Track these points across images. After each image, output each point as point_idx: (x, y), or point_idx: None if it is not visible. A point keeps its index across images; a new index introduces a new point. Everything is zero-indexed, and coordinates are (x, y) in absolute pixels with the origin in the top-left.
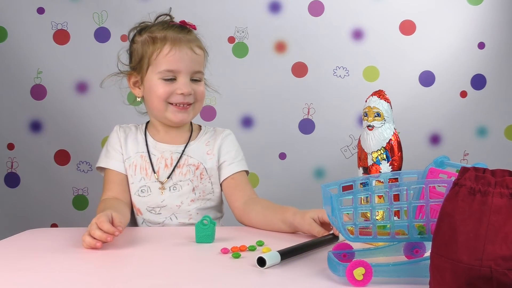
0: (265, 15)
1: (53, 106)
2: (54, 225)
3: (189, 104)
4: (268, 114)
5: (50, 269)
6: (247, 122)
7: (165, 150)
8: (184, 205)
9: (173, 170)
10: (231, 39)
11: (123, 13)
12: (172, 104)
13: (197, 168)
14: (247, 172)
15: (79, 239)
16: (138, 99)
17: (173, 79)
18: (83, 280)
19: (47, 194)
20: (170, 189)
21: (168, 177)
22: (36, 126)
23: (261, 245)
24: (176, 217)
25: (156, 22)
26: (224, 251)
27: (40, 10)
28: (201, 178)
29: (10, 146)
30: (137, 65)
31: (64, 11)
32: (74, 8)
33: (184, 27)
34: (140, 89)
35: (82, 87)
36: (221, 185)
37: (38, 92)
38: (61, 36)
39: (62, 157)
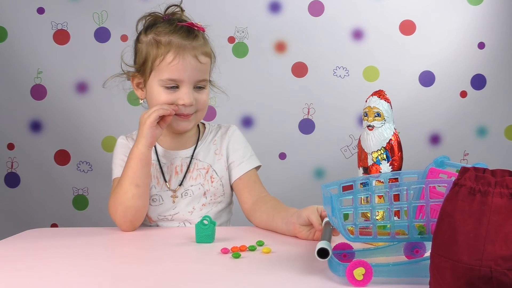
0: (265, 15)
1: (53, 106)
2: (54, 225)
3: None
4: (268, 114)
5: (50, 269)
6: (247, 122)
7: (175, 157)
8: (196, 210)
9: (184, 176)
10: (231, 39)
11: (123, 13)
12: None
13: (207, 172)
14: (258, 167)
15: (79, 239)
16: (141, 101)
17: (175, 87)
18: (83, 280)
19: (47, 194)
20: (182, 195)
21: (179, 185)
22: (36, 126)
23: (261, 245)
24: (190, 223)
25: (164, 16)
26: (224, 251)
27: (40, 10)
28: (212, 182)
29: (10, 146)
30: (141, 67)
31: (64, 11)
32: (74, 8)
33: (192, 31)
34: (143, 91)
35: (82, 87)
36: (231, 186)
37: (38, 92)
38: (61, 36)
39: (62, 157)
